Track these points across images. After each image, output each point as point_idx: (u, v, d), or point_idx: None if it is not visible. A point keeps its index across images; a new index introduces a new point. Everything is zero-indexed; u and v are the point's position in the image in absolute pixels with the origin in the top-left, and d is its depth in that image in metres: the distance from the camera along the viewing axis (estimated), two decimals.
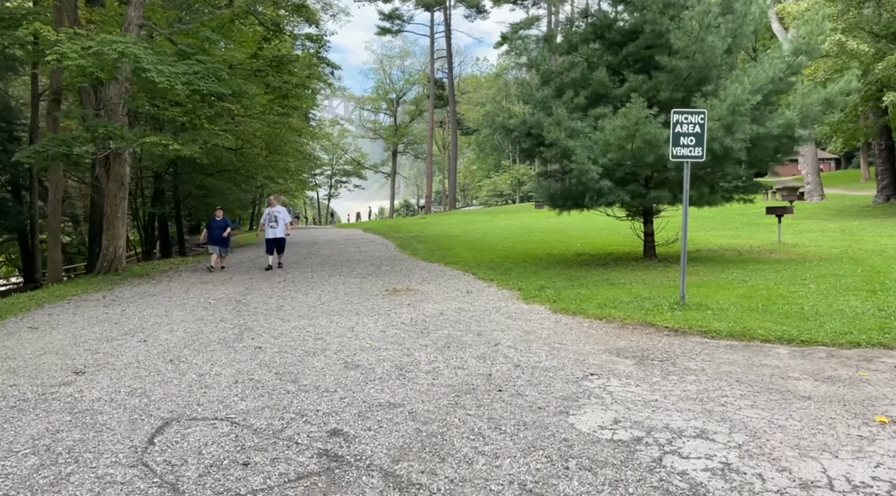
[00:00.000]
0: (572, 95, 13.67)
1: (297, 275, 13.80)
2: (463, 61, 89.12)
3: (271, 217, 15.33)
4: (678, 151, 7.98)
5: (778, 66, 12.54)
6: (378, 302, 9.60)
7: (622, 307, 8.33)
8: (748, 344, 6.31)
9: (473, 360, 5.83)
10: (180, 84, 12.71)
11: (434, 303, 9.41)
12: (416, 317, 8.19)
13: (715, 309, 7.86)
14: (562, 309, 8.58)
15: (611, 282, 11.14)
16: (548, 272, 12.85)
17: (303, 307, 9.22)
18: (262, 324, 7.82)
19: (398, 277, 12.82)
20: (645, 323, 7.38)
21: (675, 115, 7.92)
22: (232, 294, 10.83)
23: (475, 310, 8.63)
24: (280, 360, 5.94)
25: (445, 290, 10.74)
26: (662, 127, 11.88)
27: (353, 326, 7.58)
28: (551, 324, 7.63)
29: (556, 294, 9.86)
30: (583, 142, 12.37)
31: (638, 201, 13.21)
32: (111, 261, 14.89)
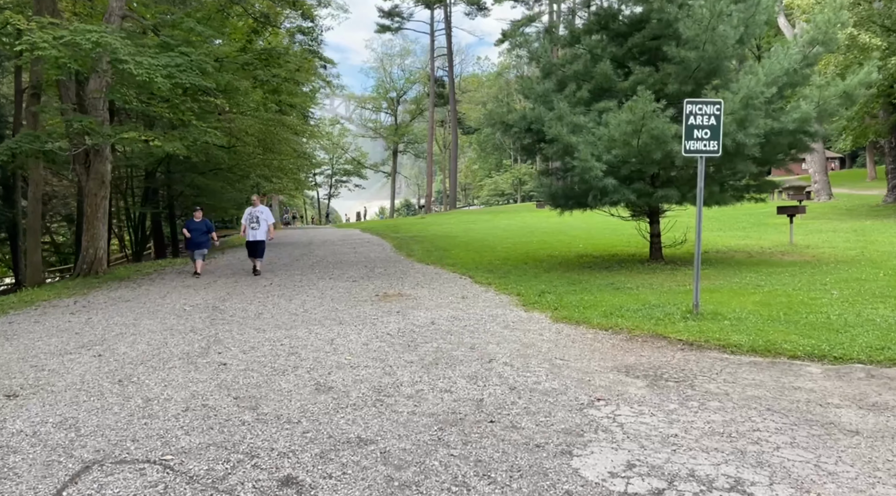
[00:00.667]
0: (575, 89, 12.96)
1: (285, 278, 13.11)
2: (464, 60, 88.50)
3: (252, 217, 14.17)
4: (691, 145, 7.26)
5: (793, 57, 11.82)
6: (365, 309, 8.89)
7: (630, 316, 7.62)
8: (774, 360, 5.59)
9: (463, 381, 5.12)
10: (160, 77, 12.00)
11: (426, 310, 8.70)
12: (405, 327, 7.49)
13: (732, 318, 7.14)
14: (564, 317, 7.87)
15: (616, 286, 10.43)
16: (549, 275, 12.15)
17: (283, 315, 8.52)
18: (234, 336, 7.11)
19: (391, 281, 12.12)
20: (656, 334, 6.67)
21: (688, 105, 7.20)
22: (211, 300, 10.13)
23: (469, 319, 7.92)
24: (244, 381, 5.23)
25: (439, 296, 10.04)
26: (670, 122, 11.20)
27: (334, 338, 6.87)
28: (552, 335, 6.92)
29: (557, 300, 9.15)
30: (586, 137, 11.66)
31: (644, 200, 12.49)
32: (91, 264, 14.21)
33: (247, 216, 14.30)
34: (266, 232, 14.14)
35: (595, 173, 11.18)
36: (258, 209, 14.32)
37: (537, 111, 12.70)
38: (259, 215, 14.14)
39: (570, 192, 12.76)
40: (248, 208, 14.56)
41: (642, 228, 13.95)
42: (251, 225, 14.06)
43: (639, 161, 11.72)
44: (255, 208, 14.34)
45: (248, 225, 14.12)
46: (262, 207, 14.50)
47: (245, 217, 14.42)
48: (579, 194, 12.55)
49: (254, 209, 14.32)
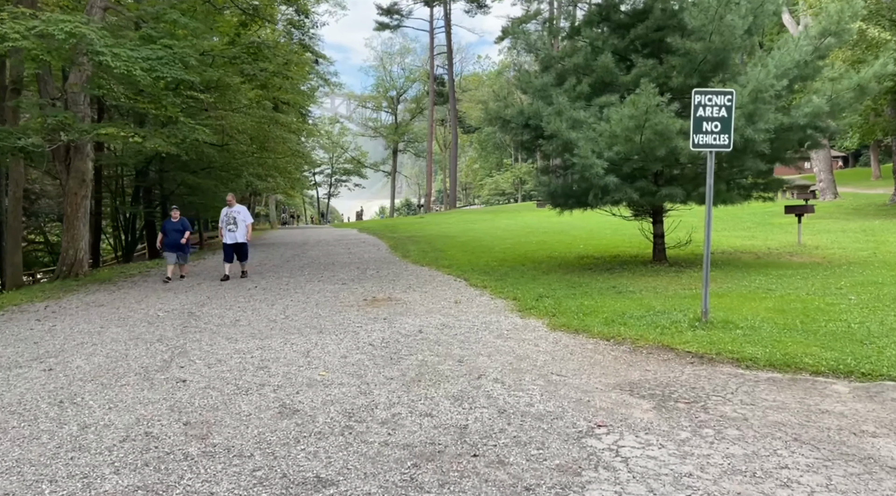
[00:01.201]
0: (575, 83, 12.39)
1: (272, 280, 12.54)
2: (464, 58, 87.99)
3: (229, 218, 13.18)
4: (700, 139, 6.69)
5: (804, 49, 11.24)
6: (350, 315, 8.32)
7: (633, 324, 7.04)
8: (794, 377, 5.02)
9: (447, 403, 4.55)
10: (140, 70, 11.43)
11: (415, 316, 8.13)
12: (389, 336, 6.92)
13: (744, 327, 6.57)
14: (562, 325, 7.30)
15: (618, 290, 9.86)
16: (547, 278, 11.58)
17: (261, 322, 7.95)
18: (202, 347, 6.54)
19: (382, 284, 11.55)
20: (662, 345, 6.09)
21: (697, 96, 6.62)
22: (188, 304, 9.57)
23: (460, 327, 7.35)
24: (200, 402, 4.66)
25: (431, 300, 9.47)
26: (675, 116, 10.63)
27: (310, 350, 6.29)
28: (549, 346, 6.35)
29: (555, 305, 8.58)
30: (586, 133, 11.09)
31: (647, 199, 11.91)
32: (71, 266, 13.65)
33: (223, 217, 13.39)
34: (244, 233, 13.32)
35: (596, 171, 10.61)
36: (235, 209, 13.38)
37: (536, 106, 12.13)
38: (236, 215, 13.26)
39: (570, 191, 12.18)
40: (224, 209, 13.55)
41: (645, 229, 13.37)
42: (228, 226, 13.20)
43: (641, 158, 11.16)
44: (231, 208, 13.36)
45: (225, 227, 13.24)
46: (239, 207, 13.58)
47: (221, 218, 13.48)
48: (579, 193, 11.98)
49: (230, 209, 13.35)
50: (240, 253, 13.35)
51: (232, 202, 13.51)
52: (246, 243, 13.40)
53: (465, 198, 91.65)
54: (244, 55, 14.55)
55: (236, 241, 13.19)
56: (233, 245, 13.20)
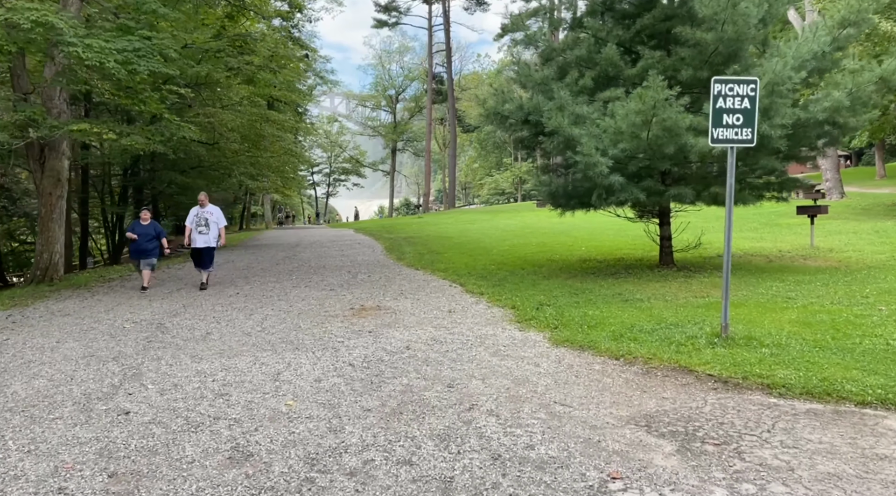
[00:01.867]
0: (577, 76, 11.68)
1: (256, 286, 11.82)
2: (463, 57, 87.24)
3: (200, 219, 11.78)
4: (720, 134, 5.97)
5: (822, 39, 10.54)
6: (333, 328, 7.60)
7: (644, 339, 6.33)
8: (837, 408, 4.31)
9: (431, 444, 3.83)
10: (113, 62, 10.71)
11: (403, 328, 7.42)
12: (373, 353, 6.20)
13: (770, 344, 5.85)
14: (565, 340, 6.58)
15: (624, 297, 9.15)
16: (548, 283, 10.87)
17: (234, 336, 7.23)
18: (161, 367, 5.82)
19: (372, 290, 10.84)
20: (678, 366, 5.38)
21: (716, 84, 5.90)
22: (161, 314, 8.85)
23: (453, 342, 6.64)
24: (138, 443, 3.95)
25: (423, 309, 8.76)
26: (684, 112, 9.93)
27: (281, 371, 5.58)
28: (551, 366, 5.63)
29: (557, 315, 7.87)
30: (589, 129, 10.39)
31: (654, 200, 11.21)
32: (45, 270, 12.93)
33: (192, 218, 11.88)
34: (217, 237, 11.97)
35: (600, 169, 9.91)
36: (207, 209, 11.99)
37: (535, 100, 11.41)
38: (208, 217, 11.89)
39: (573, 191, 11.47)
40: (194, 208, 12.05)
41: (651, 231, 12.66)
42: (198, 228, 11.77)
43: (648, 156, 10.47)
44: (202, 208, 11.97)
45: (195, 228, 11.78)
46: (212, 207, 12.18)
47: (190, 219, 11.94)
48: (582, 193, 11.27)
49: (201, 209, 11.95)
50: (206, 258, 11.96)
51: (204, 202, 12.11)
52: (214, 248, 12.08)
53: (464, 197, 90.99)
54: (228, 48, 13.82)
55: (208, 244, 11.89)
56: (202, 250, 11.89)
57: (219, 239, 12.02)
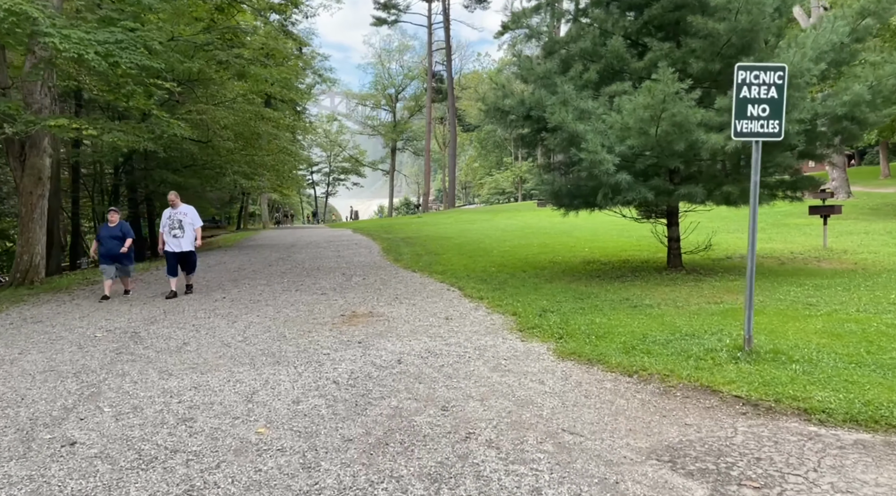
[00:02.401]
0: (581, 69, 11.10)
1: (245, 289, 11.26)
2: (464, 56, 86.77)
3: (173, 221, 10.88)
4: (744, 127, 5.39)
5: (841, 30, 9.97)
6: (320, 337, 7.04)
7: (659, 352, 5.76)
8: (889, 438, 3.74)
9: (420, 487, 3.27)
10: (93, 54, 10.16)
11: (396, 338, 6.86)
12: (361, 368, 5.64)
13: (800, 359, 5.28)
14: (572, 352, 6.02)
15: (633, 303, 8.59)
16: (551, 287, 10.31)
17: (213, 347, 6.67)
18: (124, 385, 5.26)
19: (366, 294, 10.28)
20: (700, 386, 4.81)
21: (741, 71, 5.33)
22: (137, 321, 8.29)
23: (449, 355, 6.07)
24: (75, 485, 3.37)
25: (418, 316, 8.20)
26: (696, 106, 9.39)
27: (257, 390, 5.01)
28: (558, 384, 5.07)
29: (562, 323, 7.31)
30: (595, 125, 9.83)
31: (663, 199, 10.65)
32: (25, 272, 12.37)
33: (165, 221, 11.03)
34: (193, 239, 11.11)
35: (606, 167, 9.35)
36: (180, 210, 11.04)
37: (538, 95, 10.84)
38: (182, 218, 10.96)
39: (577, 190, 10.90)
40: (166, 210, 11.18)
41: (659, 232, 12.09)
42: (172, 231, 10.90)
43: (656, 153, 9.92)
44: (175, 209, 11.01)
45: (168, 232, 10.92)
46: (186, 207, 11.24)
47: (163, 222, 11.10)
48: (587, 192, 10.71)
49: (174, 210, 11.00)
50: (186, 263, 11.18)
51: (176, 202, 11.15)
52: (193, 251, 11.22)
53: (464, 197, 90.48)
54: (218, 41, 13.24)
55: (181, 249, 10.96)
56: (177, 255, 10.95)
57: (195, 241, 11.16)
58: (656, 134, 9.36)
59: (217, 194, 30.16)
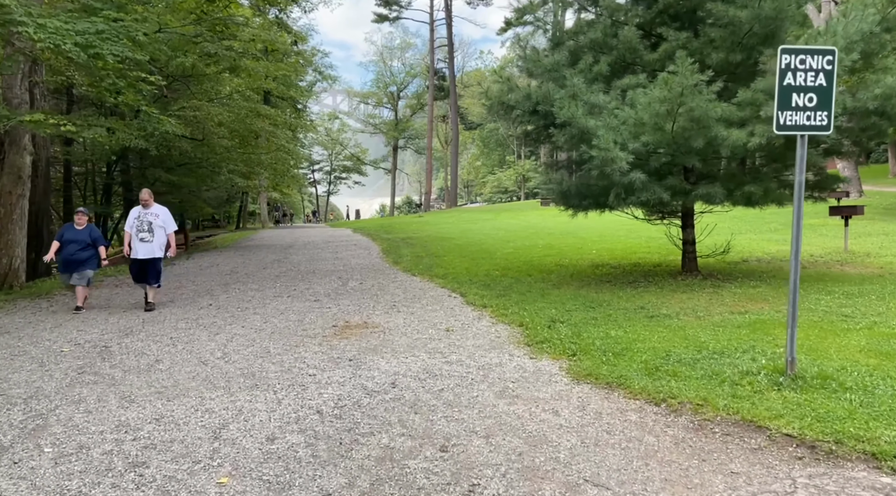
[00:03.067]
0: (591, 62, 10.42)
1: (234, 295, 10.61)
2: (466, 55, 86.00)
3: (142, 223, 9.49)
4: (788, 118, 4.71)
5: (870, 18, 9.27)
6: (308, 353, 6.38)
7: (687, 375, 5.09)
8: None
9: None
10: (71, 44, 9.50)
11: (391, 355, 6.19)
12: (349, 393, 4.97)
13: (853, 386, 4.60)
14: (587, 374, 5.35)
15: (648, 313, 7.93)
16: (559, 293, 9.64)
17: (187, 365, 6.01)
18: (76, 415, 4.60)
19: (362, 301, 9.63)
20: (742, 420, 4.14)
21: (784, 55, 4.65)
22: (112, 333, 7.63)
23: (450, 376, 5.41)
24: None
25: (416, 327, 7.54)
26: (716, 99, 8.72)
27: (227, 423, 4.35)
28: (574, 415, 4.40)
29: (574, 336, 6.65)
30: (606, 121, 9.16)
31: (679, 200, 9.97)
32: (4, 276, 11.73)
33: (132, 221, 9.59)
34: (163, 245, 9.70)
35: (619, 165, 8.67)
36: (151, 210, 9.67)
37: (545, 88, 10.15)
38: (152, 220, 9.58)
39: (587, 190, 10.22)
40: (134, 209, 9.79)
41: (674, 235, 11.41)
42: (140, 235, 9.46)
43: (672, 150, 9.25)
44: (144, 209, 9.64)
45: (136, 234, 9.47)
46: (158, 208, 9.85)
47: (129, 223, 9.62)
48: (598, 192, 10.03)
49: (143, 211, 9.62)
50: (149, 271, 9.53)
51: (148, 201, 9.72)
52: (160, 259, 9.68)
53: (466, 195, 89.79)
54: (207, 33, 12.57)
55: (152, 254, 9.53)
56: (143, 262, 9.52)
57: (167, 248, 9.81)
58: (672, 130, 8.71)
59: (214, 193, 29.49)
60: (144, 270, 9.54)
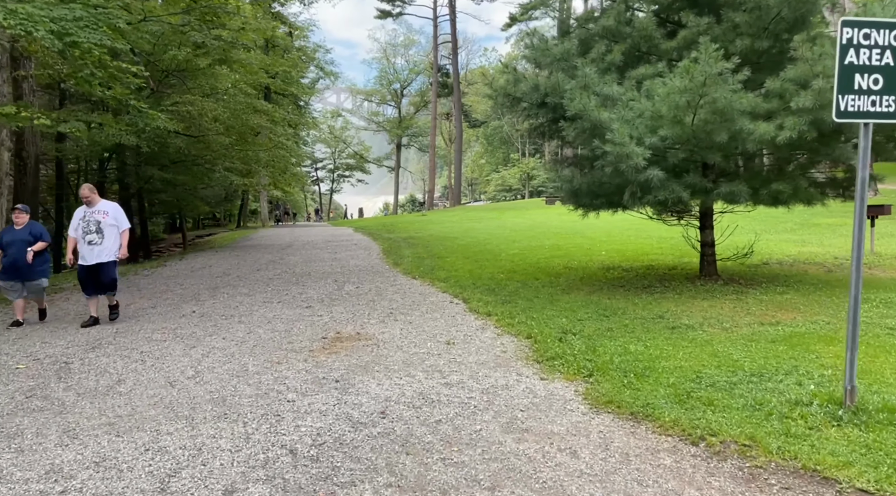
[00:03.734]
0: (604, 51, 9.70)
1: (221, 301, 9.91)
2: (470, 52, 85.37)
3: (88, 224, 8.03)
4: (850, 103, 3.97)
5: None
6: (290, 372, 5.67)
7: (724, 404, 4.36)
8: None
9: None
10: (45, 31, 8.82)
11: (384, 375, 5.48)
12: (331, 426, 4.26)
13: None
14: (608, 400, 4.62)
15: (669, 323, 7.21)
16: (569, 299, 8.93)
17: (151, 387, 5.30)
18: (10, 451, 3.89)
19: (357, 307, 8.92)
20: (803, 468, 3.41)
21: (846, 28, 3.91)
22: (78, 345, 6.93)
23: (450, 403, 4.69)
24: None
25: (414, 340, 6.82)
26: (742, 90, 7.98)
27: (182, 467, 3.64)
28: (597, 456, 3.68)
29: (589, 351, 5.94)
30: (621, 113, 8.44)
31: (699, 199, 9.24)
32: None
33: (76, 224, 8.12)
34: (117, 247, 8.20)
35: (635, 162, 7.94)
36: (97, 209, 8.16)
37: (555, 79, 9.41)
38: (100, 220, 8.07)
39: (600, 188, 9.47)
40: (78, 210, 8.35)
41: (691, 236, 10.66)
42: (86, 237, 8.01)
43: (691, 146, 8.53)
44: (90, 208, 8.17)
45: (81, 238, 8.03)
46: (106, 205, 8.35)
47: (73, 226, 8.17)
48: (611, 191, 9.29)
49: (88, 209, 8.16)
50: (102, 279, 8.13)
51: (91, 197, 8.21)
52: (114, 263, 8.22)
53: (470, 194, 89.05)
54: (195, 22, 11.87)
55: (102, 260, 8.06)
56: (92, 269, 8.06)
57: (119, 250, 8.23)
58: (693, 123, 7.97)
59: (212, 191, 28.85)
60: (97, 279, 8.10)
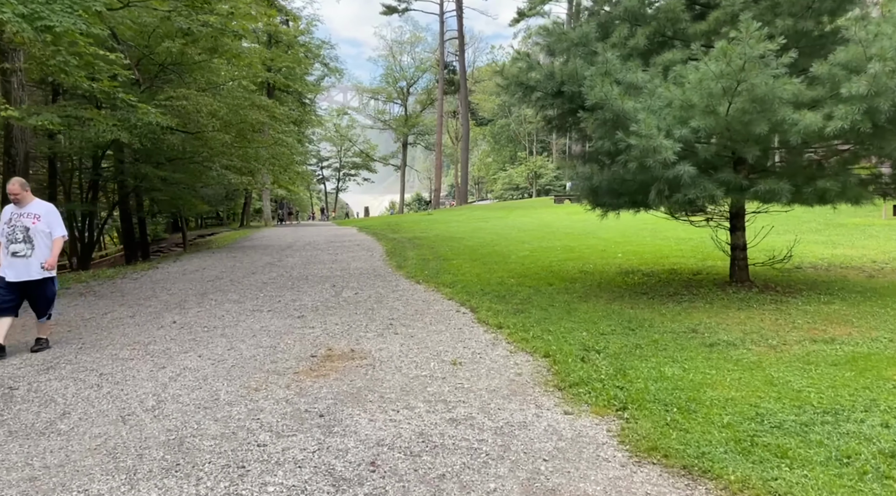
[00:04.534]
0: (626, 34, 8.82)
1: (207, 309, 9.08)
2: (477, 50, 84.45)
3: (15, 230, 6.48)
4: None
5: None
6: (267, 402, 4.80)
7: (802, 456, 3.47)
8: None
9: None
10: (12, 14, 8.00)
11: (377, 407, 4.61)
12: (306, 484, 3.39)
13: None
14: (652, 446, 3.74)
15: (704, 339, 6.32)
16: (588, 308, 8.05)
17: (98, 423, 4.45)
18: None
19: (353, 317, 8.07)
20: None
21: None
22: (32, 364, 6.08)
23: (455, 449, 3.82)
24: None
25: (415, 358, 5.96)
26: (787, 75, 7.08)
27: None
28: None
29: (618, 374, 5.07)
30: (647, 103, 7.55)
31: (734, 197, 8.34)
32: None
33: (2, 227, 6.57)
34: (43, 255, 6.56)
35: (664, 156, 7.05)
36: (27, 210, 6.62)
37: (572, 66, 8.52)
38: (28, 224, 6.54)
39: (622, 185, 8.56)
40: (5, 209, 6.75)
41: (720, 239, 9.75)
42: (11, 247, 6.44)
43: (725, 138, 7.65)
44: (19, 208, 6.65)
45: (5, 247, 6.45)
46: (39, 205, 6.77)
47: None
48: (635, 189, 8.39)
49: (17, 211, 6.63)
50: (35, 299, 6.65)
51: (21, 195, 6.63)
52: (50, 281, 6.73)
53: (477, 192, 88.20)
54: (182, 7, 11.04)
55: (29, 275, 6.50)
56: (20, 285, 6.52)
57: (49, 260, 6.60)
58: (727, 113, 7.08)
59: (212, 190, 28.08)
60: (30, 298, 6.62)
